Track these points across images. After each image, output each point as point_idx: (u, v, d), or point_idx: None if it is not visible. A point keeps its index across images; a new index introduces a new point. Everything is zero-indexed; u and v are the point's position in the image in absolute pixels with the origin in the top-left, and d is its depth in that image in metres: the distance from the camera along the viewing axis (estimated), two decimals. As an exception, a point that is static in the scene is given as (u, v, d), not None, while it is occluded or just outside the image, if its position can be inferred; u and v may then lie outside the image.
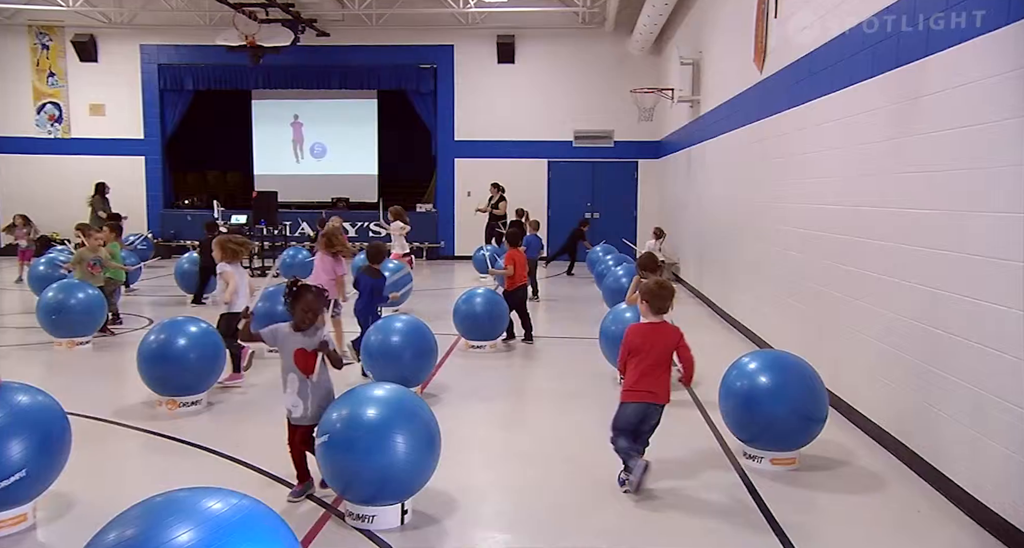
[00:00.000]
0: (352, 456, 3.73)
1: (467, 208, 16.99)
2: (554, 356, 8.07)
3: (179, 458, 4.94)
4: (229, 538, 2.19)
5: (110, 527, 2.25)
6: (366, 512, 3.79)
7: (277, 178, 19.01)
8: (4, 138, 18.34)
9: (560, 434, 5.52)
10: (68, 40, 17.94)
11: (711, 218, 11.05)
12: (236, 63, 16.82)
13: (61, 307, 7.94)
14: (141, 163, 18.31)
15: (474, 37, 17.49)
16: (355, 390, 4.02)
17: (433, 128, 18.08)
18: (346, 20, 17.21)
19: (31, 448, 3.71)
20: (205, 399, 5.99)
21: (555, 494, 4.37)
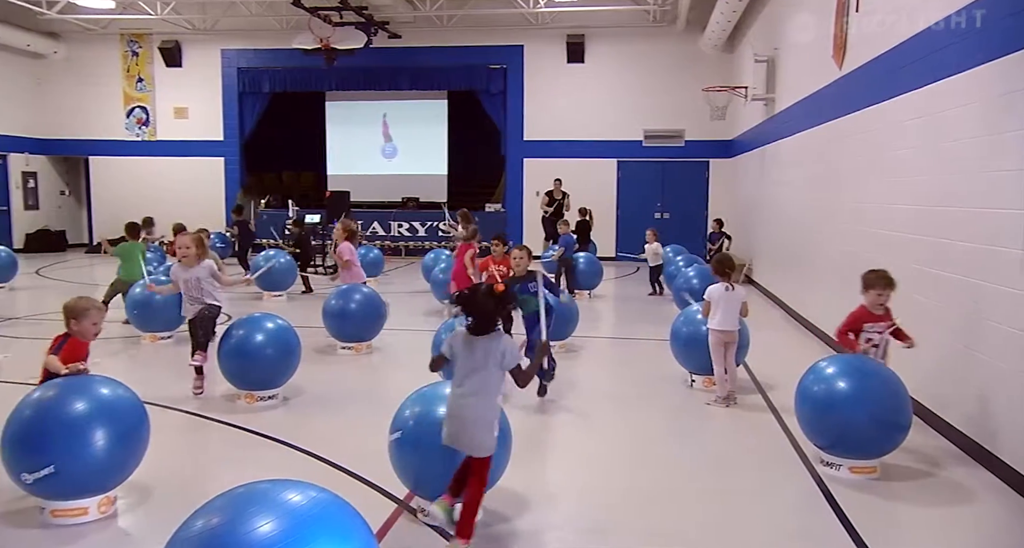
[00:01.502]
0: (423, 453, 3.77)
1: (536, 208, 16.99)
2: (622, 357, 8.00)
3: (255, 450, 5.08)
4: (308, 530, 2.24)
5: (196, 516, 2.33)
6: (437, 508, 3.82)
7: (349, 178, 19.39)
8: (97, 141, 19.26)
9: (628, 436, 5.47)
10: (156, 47, 18.71)
11: (785, 218, 10.78)
12: (311, 65, 17.24)
13: (146, 303, 8.26)
14: (220, 164, 18.95)
15: (544, 37, 17.49)
16: (428, 389, 4.07)
17: (502, 128, 18.16)
18: (417, 22, 17.44)
19: (112, 438, 3.87)
20: (281, 394, 6.15)
21: (623, 496, 4.34)
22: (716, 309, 6.01)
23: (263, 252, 12.47)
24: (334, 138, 20.10)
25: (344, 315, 7.70)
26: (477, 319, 3.56)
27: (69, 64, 19.13)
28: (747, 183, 14.48)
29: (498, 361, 3.54)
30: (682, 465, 4.87)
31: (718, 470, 4.76)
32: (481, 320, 3.56)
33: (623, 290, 12.96)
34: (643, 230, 14.69)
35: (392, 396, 6.00)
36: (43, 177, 19.47)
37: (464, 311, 3.59)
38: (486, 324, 3.56)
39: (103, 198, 19.41)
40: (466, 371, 3.55)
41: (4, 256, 12.24)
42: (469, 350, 3.56)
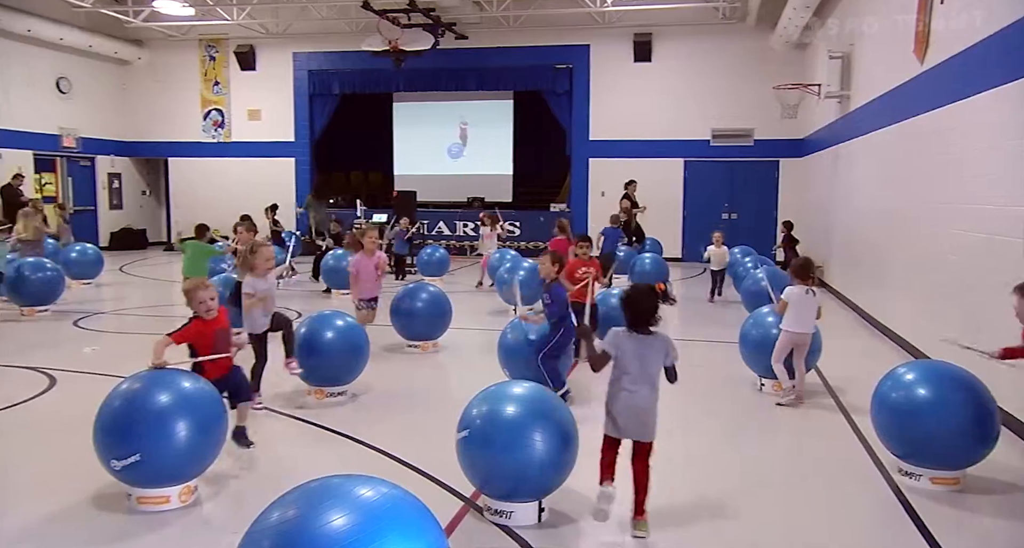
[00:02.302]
0: (490, 452, 3.79)
1: (601, 208, 16.88)
2: (689, 359, 7.84)
3: (325, 445, 5.19)
4: (380, 525, 2.27)
5: (272, 508, 2.39)
6: (504, 507, 3.84)
7: (416, 178, 19.63)
8: (176, 143, 19.99)
9: (695, 439, 5.38)
10: (231, 51, 19.30)
11: (860, 219, 10.45)
12: (379, 67, 17.52)
13: (220, 300, 8.51)
14: (291, 164, 19.42)
15: (610, 36, 17.37)
16: (495, 388, 4.08)
17: (568, 128, 18.11)
18: (484, 22, 17.53)
19: (193, 429, 4.00)
20: (350, 391, 6.26)
21: (689, 500, 4.27)
22: (792, 311, 5.88)
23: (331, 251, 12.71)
24: (401, 138, 20.36)
25: (411, 314, 7.79)
26: (642, 317, 3.78)
27: (152, 69, 19.90)
28: (819, 183, 14.10)
29: (664, 356, 3.84)
30: (751, 469, 4.77)
31: (789, 475, 4.65)
32: (646, 317, 3.78)
33: (688, 291, 12.76)
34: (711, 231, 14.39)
35: (458, 394, 6.06)
36: (126, 178, 20.30)
37: (630, 310, 3.81)
38: (649, 321, 3.79)
39: (180, 198, 20.13)
40: (637, 366, 3.79)
41: (91, 253, 12.80)
42: (638, 347, 3.79)
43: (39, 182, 17.64)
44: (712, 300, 11.38)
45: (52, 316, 9.82)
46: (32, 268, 9.88)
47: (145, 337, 8.73)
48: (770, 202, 17.14)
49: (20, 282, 9.73)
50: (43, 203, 15.76)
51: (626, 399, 3.79)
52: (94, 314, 10.16)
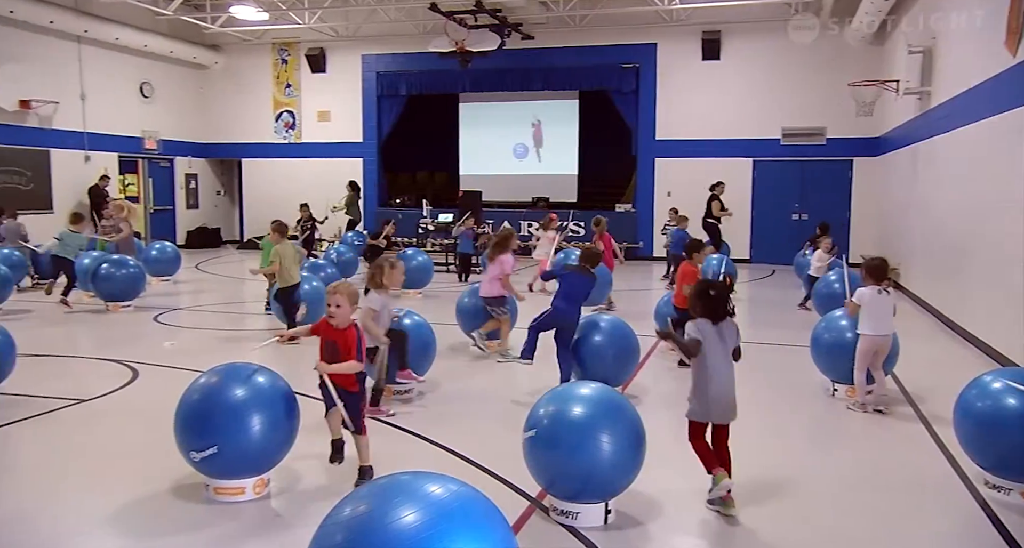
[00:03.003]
0: (557, 453, 3.78)
1: (666, 208, 16.67)
2: (757, 362, 7.68)
3: (391, 442, 5.24)
4: (449, 522, 2.28)
5: (344, 503, 2.43)
6: (570, 508, 3.82)
7: (481, 178, 19.74)
8: (249, 144, 20.59)
9: (765, 444, 5.25)
10: (303, 54, 19.77)
11: (942, 219, 10.04)
12: (446, 68, 17.67)
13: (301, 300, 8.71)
14: (359, 165, 19.77)
15: (678, 34, 17.14)
16: (563, 388, 4.07)
17: (634, 127, 17.94)
18: (550, 22, 17.52)
19: (267, 423, 4.11)
20: (417, 388, 6.32)
21: (758, 506, 4.17)
22: (867, 313, 5.69)
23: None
24: (467, 139, 20.50)
25: (477, 313, 7.82)
26: (722, 305, 4.13)
27: (227, 73, 20.55)
28: (895, 182, 13.62)
29: (736, 338, 4.19)
30: (825, 477, 4.63)
31: (866, 484, 4.50)
32: (723, 308, 4.13)
33: (757, 292, 12.48)
34: (780, 232, 14.11)
35: (522, 394, 6.11)
36: (202, 179, 21.01)
37: (709, 302, 4.12)
38: (726, 308, 4.15)
39: (253, 197, 20.71)
40: (722, 353, 4.12)
41: (170, 251, 13.29)
42: (720, 335, 4.11)
43: (123, 183, 18.41)
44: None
45: (134, 311, 10.23)
46: (116, 265, 10.31)
47: (219, 332, 9.07)
48: (843, 202, 16.64)
49: (106, 279, 10.16)
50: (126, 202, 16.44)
51: (718, 384, 4.08)
52: (173, 310, 10.54)
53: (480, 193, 17.29)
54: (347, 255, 12.98)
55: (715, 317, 4.11)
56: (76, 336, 9.18)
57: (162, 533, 3.81)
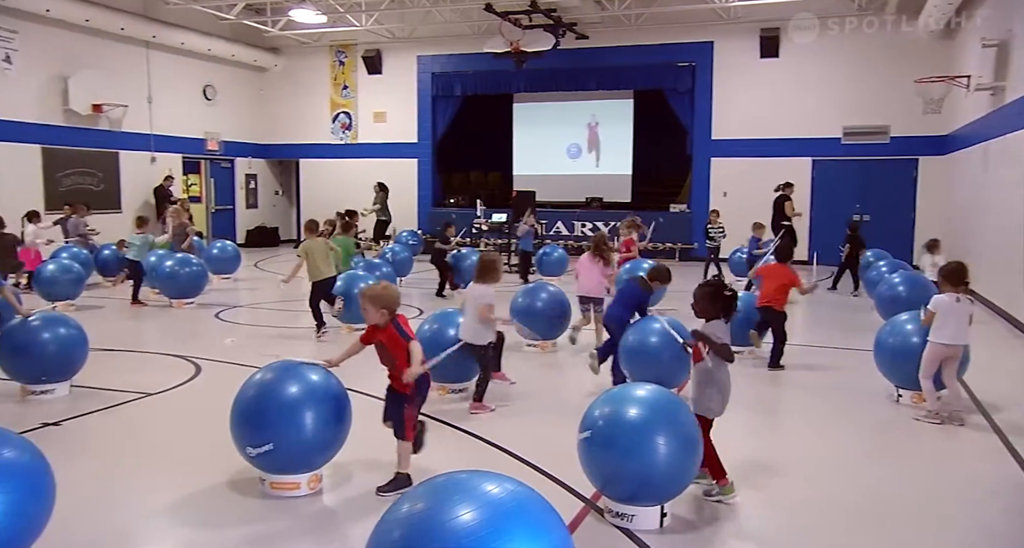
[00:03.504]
0: (612, 454, 3.74)
1: (721, 208, 16.42)
2: (816, 367, 7.51)
3: (445, 440, 5.27)
4: (506, 522, 2.29)
5: (402, 500, 2.45)
6: (625, 510, 3.79)
7: (535, 178, 19.72)
8: (306, 145, 20.98)
9: (826, 451, 5.13)
10: (359, 56, 20.07)
11: (1015, 221, 9.66)
12: (500, 69, 17.71)
13: (346, 295, 8.85)
14: (414, 165, 19.96)
15: (735, 32, 16.87)
16: (618, 389, 4.03)
17: (689, 127, 17.72)
18: (605, 22, 17.42)
19: (321, 420, 4.16)
20: (470, 388, 6.33)
21: (814, 513, 4.07)
22: (943, 322, 5.47)
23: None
24: (521, 138, 20.52)
25: (530, 313, 7.82)
26: (733, 307, 4.35)
27: (286, 75, 20.97)
28: (964, 182, 13.16)
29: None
30: (889, 487, 4.49)
31: (934, 496, 4.35)
32: (734, 308, 4.38)
33: (818, 295, 12.17)
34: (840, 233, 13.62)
35: (576, 395, 6.08)
36: (261, 179, 21.50)
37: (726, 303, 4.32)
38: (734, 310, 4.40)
39: (310, 197, 21.09)
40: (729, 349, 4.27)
41: (230, 250, 13.62)
42: (727, 332, 4.30)
43: (186, 183, 18.95)
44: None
45: (197, 308, 10.52)
46: (180, 263, 10.61)
47: (276, 330, 9.25)
48: (907, 203, 16.16)
49: (170, 277, 10.48)
50: (189, 202, 16.94)
51: (728, 379, 4.27)
52: (233, 307, 10.80)
53: (534, 193, 17.27)
54: (402, 254, 13.09)
55: (728, 317, 4.28)
56: (143, 331, 9.49)
57: (220, 525, 3.90)
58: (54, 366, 6.05)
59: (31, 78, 14.96)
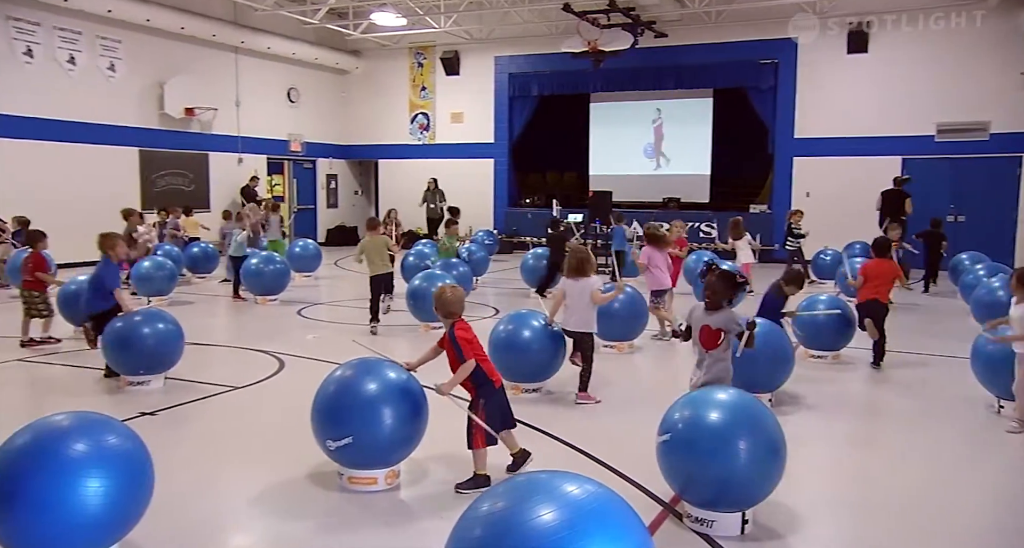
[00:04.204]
0: (692, 458, 3.68)
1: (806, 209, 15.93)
2: (909, 374, 7.21)
3: (521, 439, 5.26)
4: (588, 523, 2.27)
5: (482, 499, 2.47)
6: (705, 516, 3.72)
7: (611, 178, 19.58)
8: (385, 145, 21.39)
9: (916, 461, 4.92)
10: (438, 57, 20.34)
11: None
12: (577, 68, 17.64)
13: (424, 294, 8.97)
14: (490, 165, 20.10)
15: (821, 27, 16.32)
16: (698, 392, 3.97)
17: (771, 126, 17.28)
18: (684, 19, 17.15)
19: (399, 417, 4.23)
20: (545, 387, 6.34)
21: (906, 525, 3.90)
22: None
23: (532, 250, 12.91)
24: (597, 138, 20.40)
25: (608, 314, 7.73)
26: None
27: (366, 78, 21.44)
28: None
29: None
30: (979, 499, 4.28)
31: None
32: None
33: (913, 299, 11.69)
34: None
35: (653, 397, 5.98)
36: (342, 179, 22.04)
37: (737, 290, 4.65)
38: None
39: (388, 197, 21.47)
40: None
41: (312, 248, 13.98)
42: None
43: (270, 183, 19.58)
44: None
45: (280, 305, 10.85)
46: (265, 261, 10.97)
47: (355, 327, 9.45)
48: (1008, 202, 15.34)
49: (256, 274, 10.84)
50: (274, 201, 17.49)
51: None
52: (314, 304, 11.09)
53: (610, 193, 17.15)
54: (479, 254, 13.12)
55: (732, 304, 4.62)
56: (230, 327, 9.85)
57: (300, 516, 4.01)
58: (152, 359, 6.33)
59: (131, 85, 15.75)
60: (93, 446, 3.22)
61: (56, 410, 3.51)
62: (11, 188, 13.49)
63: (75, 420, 3.34)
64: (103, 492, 3.14)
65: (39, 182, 14.07)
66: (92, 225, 9.62)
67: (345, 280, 14.21)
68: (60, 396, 6.19)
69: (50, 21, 14.29)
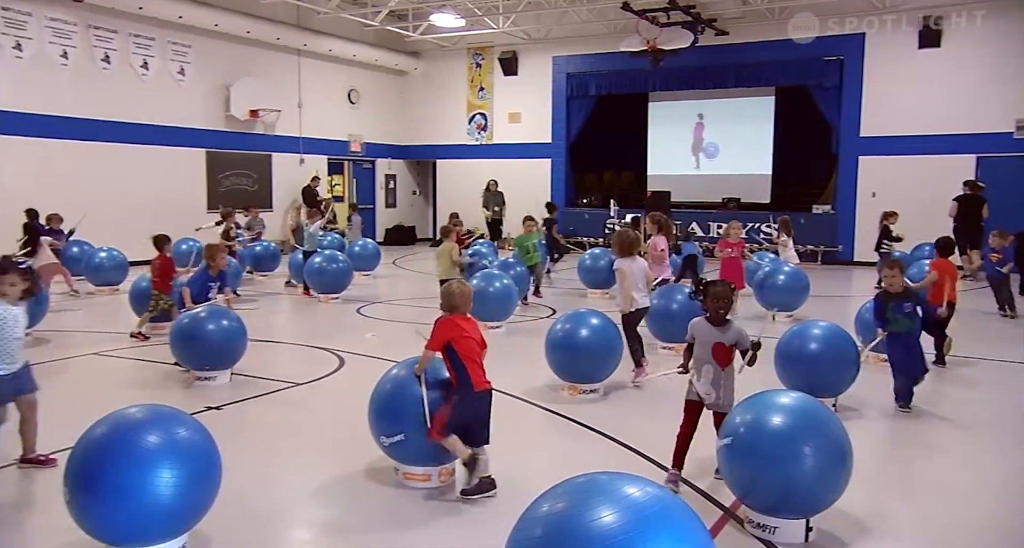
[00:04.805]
0: (754, 463, 3.62)
1: (870, 209, 15.50)
2: (987, 380, 6.94)
3: (578, 440, 5.28)
4: (648, 525, 2.25)
5: (542, 499, 2.46)
6: (767, 522, 3.65)
7: (669, 178, 19.37)
8: (443, 146, 21.57)
9: (993, 471, 4.73)
10: (496, 58, 20.41)
11: None
12: (636, 68, 17.52)
13: (483, 294, 9.01)
14: (547, 165, 20.08)
15: (890, 22, 15.84)
16: (761, 396, 3.89)
17: (836, 124, 16.84)
18: (746, 16, 16.86)
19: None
20: (602, 388, 6.31)
21: (984, 540, 3.76)
22: None
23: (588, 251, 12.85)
24: (655, 138, 20.20)
25: (667, 315, 7.67)
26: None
27: (425, 79, 21.66)
28: None
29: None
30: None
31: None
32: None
33: (971, 304, 11.25)
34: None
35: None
36: (400, 179, 22.31)
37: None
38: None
39: (446, 197, 21.66)
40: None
41: (371, 248, 14.19)
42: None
43: (331, 183, 19.94)
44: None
45: (341, 303, 11.04)
46: (328, 260, 11.18)
47: (413, 325, 9.53)
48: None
49: (319, 272, 11.05)
50: (333, 201, 17.84)
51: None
52: (373, 303, 11.25)
53: (668, 193, 16.98)
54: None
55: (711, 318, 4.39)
56: (293, 324, 10.07)
57: (357, 511, 4.08)
58: (217, 355, 6.52)
59: (199, 88, 16.24)
60: (165, 439, 3.33)
61: (128, 403, 3.64)
62: (89, 188, 14.03)
63: (148, 413, 3.46)
64: (174, 483, 3.25)
65: (114, 183, 14.61)
66: (161, 226, 9.98)
67: (403, 279, 14.39)
68: (132, 389, 6.40)
69: (126, 28, 14.82)
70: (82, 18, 14.11)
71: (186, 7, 15.05)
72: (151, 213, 14.35)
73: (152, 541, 3.30)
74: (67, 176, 13.89)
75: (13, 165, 13.22)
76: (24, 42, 13.35)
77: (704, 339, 4.29)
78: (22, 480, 4.46)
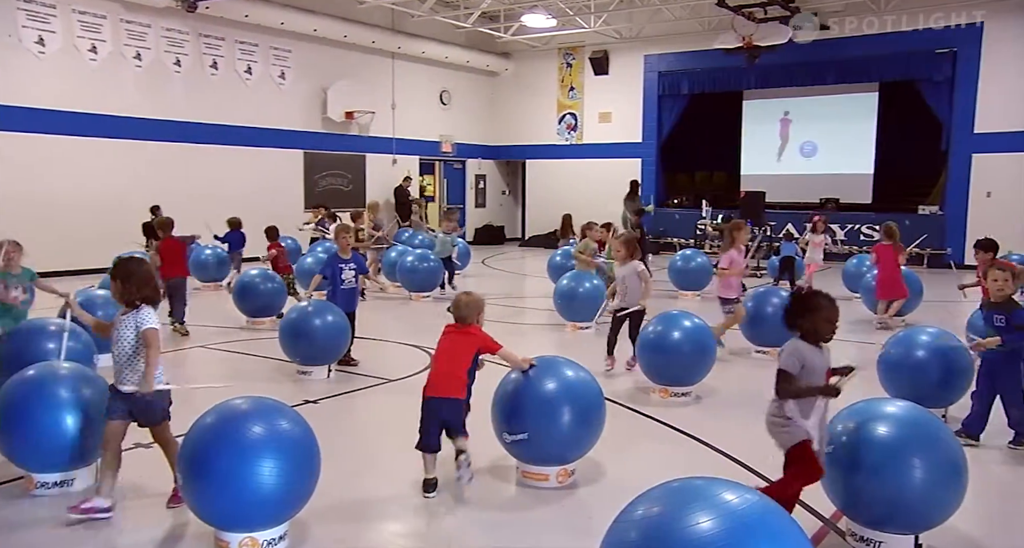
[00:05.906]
0: (857, 474, 3.47)
1: (983, 210, 14.67)
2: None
3: (671, 443, 5.19)
4: (749, 533, 2.19)
5: (636, 503, 2.43)
6: (872, 536, 3.50)
7: (763, 177, 18.85)
8: (533, 146, 21.65)
9: None
10: (586, 57, 20.34)
11: None
12: (730, 65, 17.12)
13: (572, 294, 9.01)
14: (637, 165, 19.84)
15: (1013, 10, 14.91)
16: (867, 404, 3.73)
17: (947, 120, 16.01)
18: (848, 10, 16.22)
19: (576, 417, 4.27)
20: (695, 392, 6.20)
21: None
22: None
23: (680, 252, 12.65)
24: (749, 137, 19.69)
25: (760, 319, 7.47)
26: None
27: (515, 79, 21.78)
28: None
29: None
30: None
31: None
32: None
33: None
34: None
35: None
36: (490, 179, 22.52)
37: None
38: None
39: (535, 197, 21.73)
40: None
41: (462, 247, 14.34)
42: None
43: (422, 183, 20.31)
44: None
45: (433, 301, 11.23)
46: (420, 259, 11.39)
47: (501, 325, 9.61)
48: None
49: (411, 271, 11.28)
50: (423, 201, 18.17)
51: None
52: (463, 301, 11.37)
53: (763, 193, 16.52)
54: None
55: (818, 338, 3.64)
56: (387, 322, 10.28)
57: (473, 505, 4.12)
58: (321, 350, 6.71)
59: (298, 91, 16.84)
60: (269, 430, 3.46)
61: (232, 395, 3.77)
62: (195, 189, 14.76)
63: (252, 405, 3.60)
64: (277, 472, 3.37)
65: (218, 184, 15.31)
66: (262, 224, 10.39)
67: (493, 278, 14.50)
68: (236, 381, 6.68)
69: (233, 35, 15.53)
70: (194, 27, 14.85)
71: (287, 13, 15.64)
72: (252, 212, 14.93)
73: (256, 527, 3.44)
74: (176, 178, 14.64)
75: (131, 168, 14.04)
76: (143, 52, 14.17)
77: (817, 367, 3.49)
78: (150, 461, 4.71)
